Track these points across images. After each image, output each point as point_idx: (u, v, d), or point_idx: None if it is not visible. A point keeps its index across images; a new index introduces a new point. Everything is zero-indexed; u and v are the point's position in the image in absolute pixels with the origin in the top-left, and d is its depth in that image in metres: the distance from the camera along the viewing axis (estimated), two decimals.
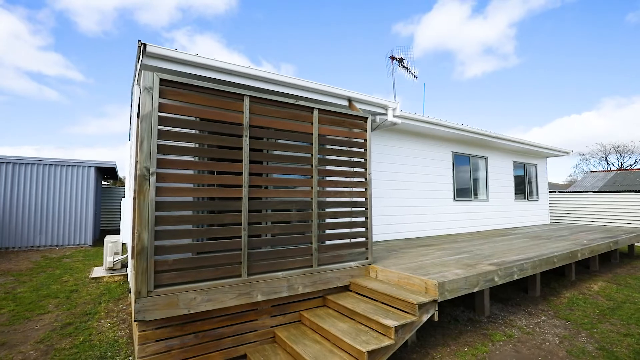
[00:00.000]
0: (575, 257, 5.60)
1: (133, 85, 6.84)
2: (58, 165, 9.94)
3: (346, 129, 4.19)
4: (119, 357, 3.44)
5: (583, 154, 38.14)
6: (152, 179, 2.89)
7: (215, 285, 3.15)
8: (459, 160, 8.52)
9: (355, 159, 4.26)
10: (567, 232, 8.18)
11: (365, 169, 4.29)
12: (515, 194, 10.22)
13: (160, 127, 2.97)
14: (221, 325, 3.31)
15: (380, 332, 3.11)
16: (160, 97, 2.97)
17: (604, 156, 36.66)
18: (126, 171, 8.07)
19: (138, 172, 2.88)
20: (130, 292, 5.05)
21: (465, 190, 8.59)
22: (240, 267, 3.31)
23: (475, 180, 8.98)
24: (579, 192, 14.37)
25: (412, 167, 7.40)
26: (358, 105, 5.02)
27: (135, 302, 2.80)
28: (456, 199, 8.27)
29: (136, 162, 3.18)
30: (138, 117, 4.10)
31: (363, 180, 4.27)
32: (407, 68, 7.50)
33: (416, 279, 3.57)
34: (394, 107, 5.36)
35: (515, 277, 4.33)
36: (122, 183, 23.55)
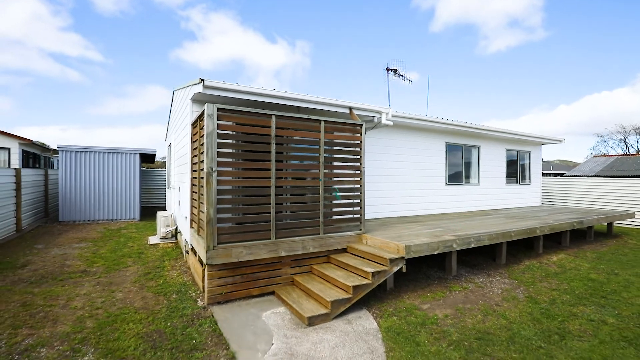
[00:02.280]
0: (534, 233, 6.93)
1: (176, 90, 8.40)
2: (111, 152, 11.82)
3: (346, 134, 5.61)
4: (190, 291, 5.16)
5: (601, 135, 37.72)
6: (214, 174, 4.45)
7: (254, 244, 4.75)
8: (452, 149, 9.76)
9: (353, 156, 5.68)
10: (545, 214, 9.41)
11: (360, 164, 5.72)
12: (507, 178, 11.39)
13: (218, 140, 4.50)
14: (258, 271, 4.95)
15: (362, 276, 4.67)
16: (217, 120, 4.48)
17: (623, 138, 36.19)
18: (172, 163, 9.72)
19: (205, 170, 4.44)
20: (186, 253, 6.79)
21: (457, 176, 9.88)
22: (270, 232, 4.89)
23: (468, 167, 10.23)
24: (575, 176, 15.25)
25: (408, 157, 8.75)
26: (357, 112, 6.39)
27: (206, 252, 4.43)
28: (448, 183, 9.59)
29: (201, 162, 4.74)
30: (193, 125, 5.65)
31: (358, 172, 5.72)
32: (402, 75, 8.71)
33: (392, 243, 5.07)
34: (387, 112, 6.70)
35: (472, 246, 5.76)
36: (150, 166, 25.68)
